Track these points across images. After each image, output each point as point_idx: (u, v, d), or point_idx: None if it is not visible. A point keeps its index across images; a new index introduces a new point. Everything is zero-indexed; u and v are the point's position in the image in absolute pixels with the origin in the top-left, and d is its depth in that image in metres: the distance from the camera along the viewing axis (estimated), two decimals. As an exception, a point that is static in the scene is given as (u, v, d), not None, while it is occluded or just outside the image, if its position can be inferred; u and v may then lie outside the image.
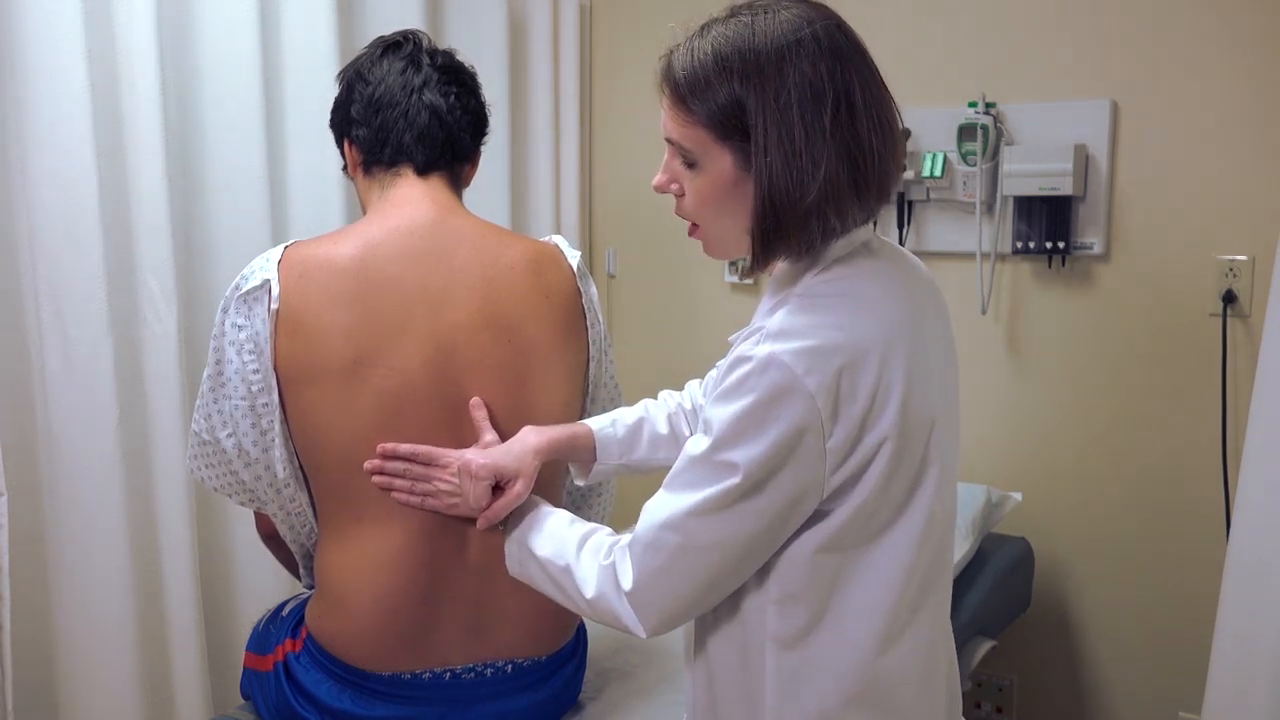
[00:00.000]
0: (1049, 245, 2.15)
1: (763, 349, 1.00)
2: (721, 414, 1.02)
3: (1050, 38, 2.17)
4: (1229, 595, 1.73)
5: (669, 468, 1.40)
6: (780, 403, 0.99)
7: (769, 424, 0.99)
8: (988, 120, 2.15)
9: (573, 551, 1.15)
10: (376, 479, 1.34)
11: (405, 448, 1.34)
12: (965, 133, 2.17)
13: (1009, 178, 2.14)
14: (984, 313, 2.25)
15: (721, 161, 1.03)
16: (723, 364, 1.09)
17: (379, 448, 1.34)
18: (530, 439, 1.29)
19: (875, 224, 1.12)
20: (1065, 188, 2.09)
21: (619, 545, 1.12)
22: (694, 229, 1.11)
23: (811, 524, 1.05)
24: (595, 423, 1.37)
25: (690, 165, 1.05)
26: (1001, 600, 2.11)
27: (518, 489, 1.25)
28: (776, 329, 1.01)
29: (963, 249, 2.25)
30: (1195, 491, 2.11)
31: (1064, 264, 2.20)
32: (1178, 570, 2.15)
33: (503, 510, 1.26)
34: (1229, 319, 2.04)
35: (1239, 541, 1.72)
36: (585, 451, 1.36)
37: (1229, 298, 2.03)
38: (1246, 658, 1.69)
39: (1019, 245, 2.19)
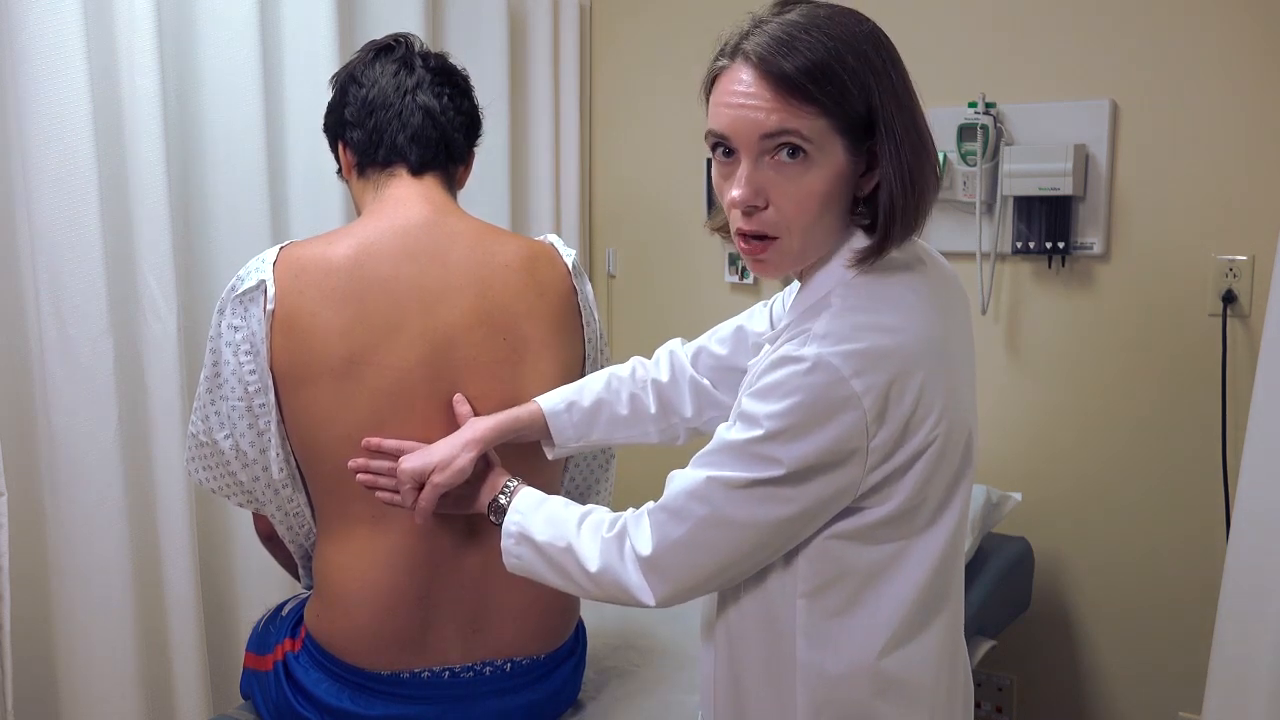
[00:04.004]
0: (1049, 245, 2.15)
1: (810, 350, 0.99)
2: (765, 409, 1.00)
3: (1050, 38, 2.17)
4: (1229, 595, 1.73)
5: (632, 446, 1.39)
6: (828, 405, 0.98)
7: (815, 426, 0.99)
8: (988, 120, 2.15)
9: (573, 530, 1.15)
10: (361, 478, 1.34)
11: (390, 443, 1.34)
12: (965, 133, 2.17)
13: (1009, 178, 2.14)
14: (984, 313, 2.25)
15: (836, 154, 1.00)
16: (759, 362, 1.09)
17: (364, 441, 1.34)
18: (466, 433, 1.31)
19: None
20: (1065, 188, 2.09)
21: (630, 514, 1.12)
22: (763, 245, 1.03)
23: (844, 518, 1.05)
24: (549, 401, 1.37)
25: (801, 156, 0.99)
26: (1001, 600, 2.11)
27: (434, 479, 1.27)
28: (824, 331, 1.01)
29: (962, 249, 2.25)
30: (1195, 491, 2.11)
31: (1064, 264, 2.20)
32: (1178, 570, 2.15)
33: (426, 503, 1.28)
34: (1229, 319, 2.03)
35: (1239, 541, 1.72)
36: (539, 431, 1.37)
37: (1229, 298, 2.03)
38: (1246, 658, 1.69)
39: (1019, 245, 2.19)
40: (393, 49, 1.47)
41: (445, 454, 1.29)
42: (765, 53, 0.98)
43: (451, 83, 1.48)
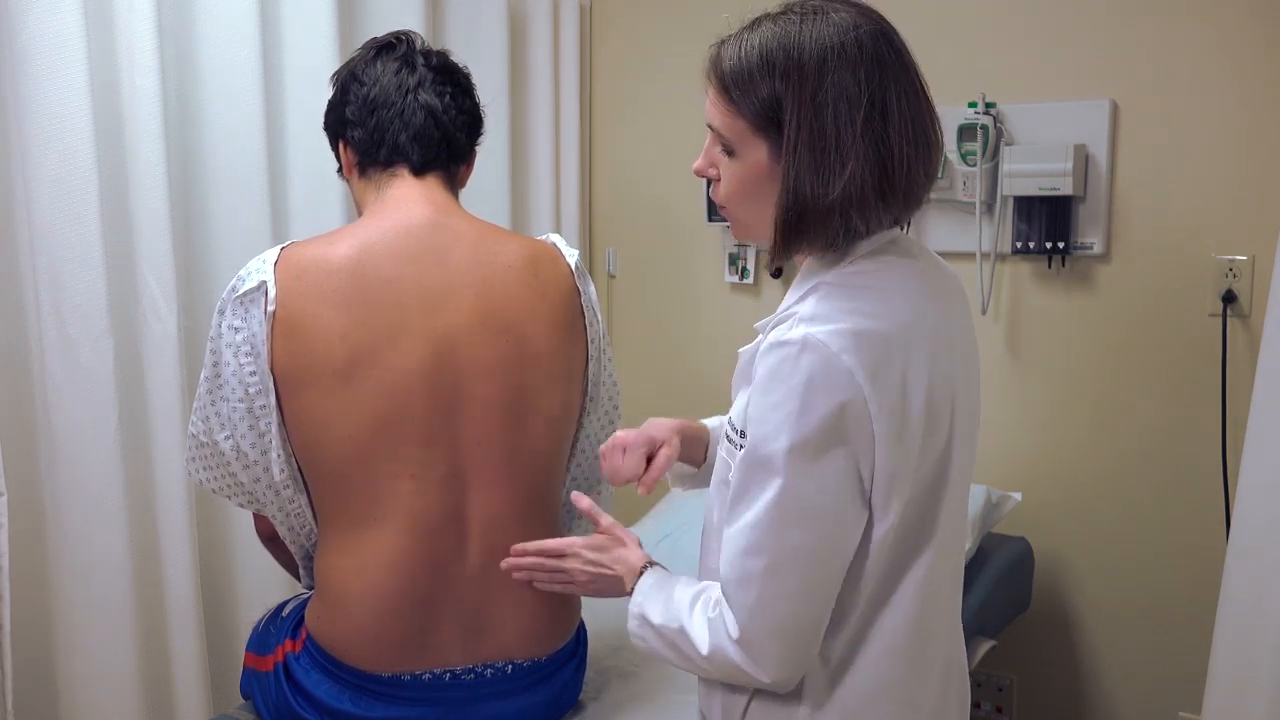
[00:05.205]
0: (1049, 245, 2.15)
1: (798, 331, 1.02)
2: (764, 403, 1.02)
3: (1050, 38, 2.17)
4: (1229, 595, 1.73)
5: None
6: (821, 380, 1.00)
7: (813, 404, 1.00)
8: (988, 120, 2.15)
9: (685, 611, 1.12)
10: (517, 575, 1.34)
11: (533, 545, 1.32)
12: (965, 133, 2.17)
13: (1009, 178, 2.14)
14: (984, 313, 2.25)
15: (757, 153, 1.05)
16: (748, 351, 1.10)
17: (513, 549, 1.33)
18: (664, 421, 1.30)
19: (905, 226, 1.13)
20: (1065, 188, 2.09)
21: (719, 590, 1.11)
22: (725, 209, 1.13)
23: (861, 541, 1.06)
24: (712, 422, 1.38)
25: (729, 153, 1.08)
26: (1001, 600, 2.11)
27: (665, 452, 1.26)
28: (810, 314, 1.03)
29: (963, 249, 2.25)
30: (1195, 491, 2.11)
31: (1064, 264, 2.20)
32: (1178, 570, 2.15)
33: (657, 472, 1.26)
34: (1229, 319, 2.03)
35: (1239, 541, 1.72)
36: (701, 445, 1.36)
37: (1229, 298, 2.03)
38: (1246, 658, 1.69)
39: (1019, 245, 2.19)
40: (394, 47, 1.47)
41: (661, 433, 1.28)
42: (720, 54, 1.07)
43: (453, 81, 1.48)
